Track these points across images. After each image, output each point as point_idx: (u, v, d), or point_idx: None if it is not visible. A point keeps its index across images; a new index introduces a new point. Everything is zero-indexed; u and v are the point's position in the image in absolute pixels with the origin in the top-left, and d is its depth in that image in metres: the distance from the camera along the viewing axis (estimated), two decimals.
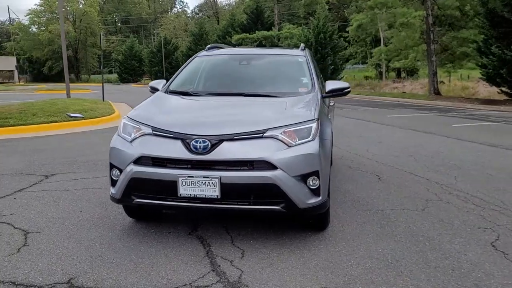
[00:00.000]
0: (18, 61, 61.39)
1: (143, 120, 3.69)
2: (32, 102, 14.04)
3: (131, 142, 3.57)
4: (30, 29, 64.86)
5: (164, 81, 4.85)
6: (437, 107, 18.20)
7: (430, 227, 4.02)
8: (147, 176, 3.42)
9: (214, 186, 3.30)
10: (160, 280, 3.02)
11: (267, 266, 3.23)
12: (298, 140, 3.44)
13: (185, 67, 5.12)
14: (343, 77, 32.66)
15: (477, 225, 4.08)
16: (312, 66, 4.81)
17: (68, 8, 61.70)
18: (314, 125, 3.56)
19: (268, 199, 3.37)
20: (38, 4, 65.16)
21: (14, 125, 10.58)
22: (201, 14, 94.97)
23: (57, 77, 61.21)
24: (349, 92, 4.67)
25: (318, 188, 3.46)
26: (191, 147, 3.35)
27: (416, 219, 4.22)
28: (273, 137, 3.41)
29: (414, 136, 9.87)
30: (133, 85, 48.78)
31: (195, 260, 3.33)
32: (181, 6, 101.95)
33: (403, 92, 26.06)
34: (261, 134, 3.41)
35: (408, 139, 9.35)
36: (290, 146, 3.39)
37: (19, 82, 58.68)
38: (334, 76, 31.01)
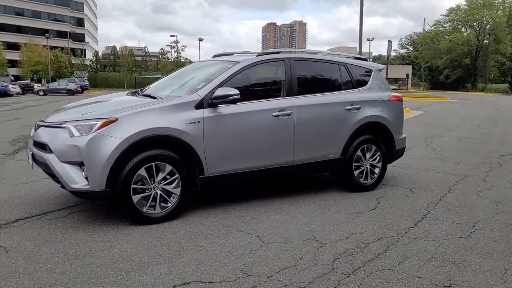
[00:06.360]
0: (419, 69, 66.10)
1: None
2: None
3: None
4: (438, 40, 67.48)
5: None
6: None
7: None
8: None
9: (30, 159, 4.40)
10: None
11: (13, 240, 3.77)
12: (85, 133, 3.92)
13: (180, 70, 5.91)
14: None
15: None
16: (230, 73, 4.52)
17: (474, 16, 60.36)
18: (99, 123, 3.94)
19: (54, 177, 4.09)
20: (444, 14, 67.12)
21: None
22: None
23: (453, 85, 61.67)
24: (236, 100, 4.30)
25: (87, 177, 3.88)
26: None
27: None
28: (66, 128, 4.02)
29: None
30: None
31: None
32: None
33: None
34: (60, 125, 4.10)
35: None
36: (70, 137, 3.95)
37: (409, 88, 63.33)
38: None
